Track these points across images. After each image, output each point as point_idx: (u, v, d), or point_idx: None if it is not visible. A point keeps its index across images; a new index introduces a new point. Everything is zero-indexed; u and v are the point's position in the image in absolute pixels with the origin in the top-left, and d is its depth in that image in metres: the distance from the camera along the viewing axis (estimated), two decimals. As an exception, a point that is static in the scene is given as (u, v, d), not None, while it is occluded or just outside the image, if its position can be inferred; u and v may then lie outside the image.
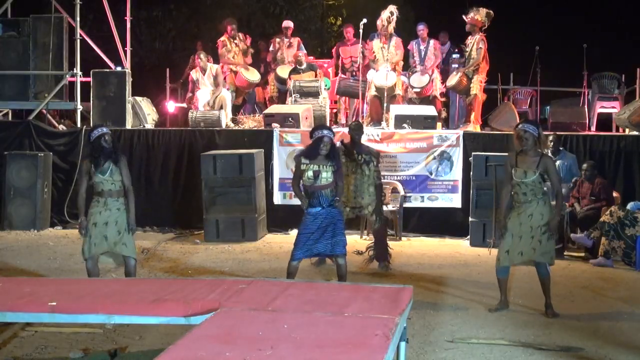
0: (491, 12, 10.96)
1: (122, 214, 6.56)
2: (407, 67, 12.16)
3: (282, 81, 12.25)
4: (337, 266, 6.79)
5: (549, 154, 7.72)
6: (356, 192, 8.01)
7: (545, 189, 6.51)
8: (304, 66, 12.07)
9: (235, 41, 12.36)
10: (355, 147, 8.11)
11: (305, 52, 12.47)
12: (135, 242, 6.81)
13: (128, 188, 6.61)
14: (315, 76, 12.01)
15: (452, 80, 11.24)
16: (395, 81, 11.29)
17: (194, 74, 12.01)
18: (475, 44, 10.93)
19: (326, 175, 6.56)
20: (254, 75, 12.35)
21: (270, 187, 10.54)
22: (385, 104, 11.15)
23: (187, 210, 10.66)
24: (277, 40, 12.73)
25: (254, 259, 8.81)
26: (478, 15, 10.90)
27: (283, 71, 12.23)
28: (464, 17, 11.04)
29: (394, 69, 11.36)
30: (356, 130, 8.27)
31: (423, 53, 11.79)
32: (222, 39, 12.39)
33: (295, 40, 12.61)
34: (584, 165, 9.40)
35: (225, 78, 12.23)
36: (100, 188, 6.54)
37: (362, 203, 8.05)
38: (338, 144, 8.40)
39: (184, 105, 12.59)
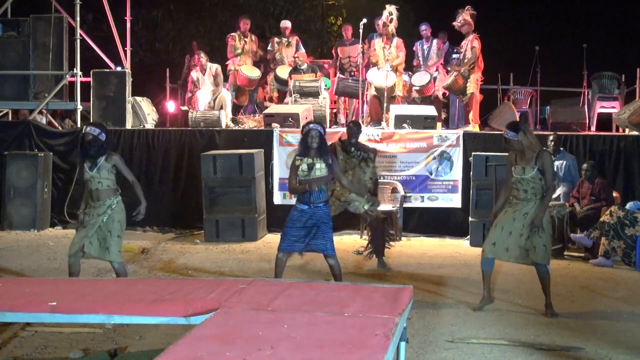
0: (474, 12, 11.01)
1: (109, 216, 6.42)
2: (410, 67, 12.17)
3: (281, 82, 12.25)
4: (330, 267, 6.80)
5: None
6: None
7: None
8: (304, 66, 12.07)
9: (245, 39, 12.38)
10: (352, 145, 8.20)
11: (303, 51, 12.48)
12: (121, 243, 6.62)
13: (133, 182, 6.58)
14: (316, 77, 12.01)
15: (447, 80, 11.26)
16: (395, 81, 11.30)
17: (194, 74, 12.02)
18: (469, 43, 10.95)
19: (320, 167, 6.57)
20: (253, 72, 12.35)
21: (270, 187, 10.55)
22: (385, 104, 11.16)
23: (187, 210, 10.66)
24: (276, 40, 12.72)
25: (254, 259, 8.81)
26: (466, 16, 10.93)
27: (282, 72, 12.23)
28: (454, 24, 11.06)
29: (395, 70, 11.36)
30: (354, 128, 8.35)
31: (426, 52, 11.82)
32: (232, 34, 12.42)
33: (294, 40, 12.60)
34: (584, 165, 9.39)
35: (228, 77, 12.24)
36: (89, 187, 6.49)
37: (351, 198, 8.04)
38: (337, 142, 8.44)
39: (185, 108, 12.54)
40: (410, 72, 12.01)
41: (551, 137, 9.60)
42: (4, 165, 10.64)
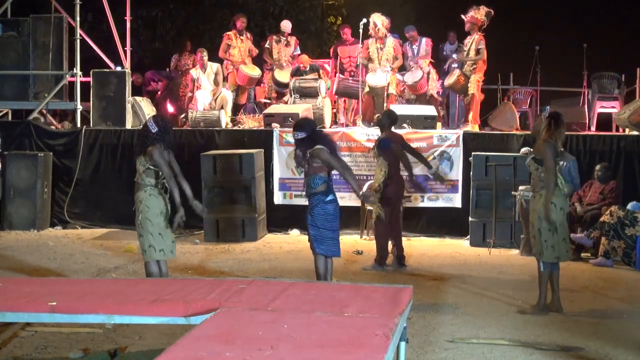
0: (491, 11, 10.95)
1: (139, 212, 6.59)
2: (402, 68, 12.18)
3: (279, 84, 12.23)
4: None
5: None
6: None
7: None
8: (307, 69, 12.03)
9: (241, 37, 12.35)
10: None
11: (299, 52, 12.47)
12: (147, 242, 6.75)
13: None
14: (319, 76, 11.98)
15: (450, 79, 11.23)
16: (389, 81, 11.30)
17: (194, 72, 11.99)
18: (475, 44, 10.91)
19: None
20: (254, 71, 12.31)
21: (271, 187, 10.54)
22: (384, 103, 11.14)
23: (187, 210, 10.60)
24: (274, 38, 12.62)
25: (254, 259, 8.81)
26: (478, 14, 10.88)
27: (280, 75, 12.19)
28: (463, 16, 11.04)
29: (391, 69, 11.38)
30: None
31: (416, 51, 11.87)
32: (228, 32, 12.40)
33: (293, 40, 12.56)
34: (597, 167, 9.32)
35: (227, 77, 12.21)
36: None
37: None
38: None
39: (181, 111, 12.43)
40: (403, 73, 12.01)
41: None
42: (4, 165, 10.63)
